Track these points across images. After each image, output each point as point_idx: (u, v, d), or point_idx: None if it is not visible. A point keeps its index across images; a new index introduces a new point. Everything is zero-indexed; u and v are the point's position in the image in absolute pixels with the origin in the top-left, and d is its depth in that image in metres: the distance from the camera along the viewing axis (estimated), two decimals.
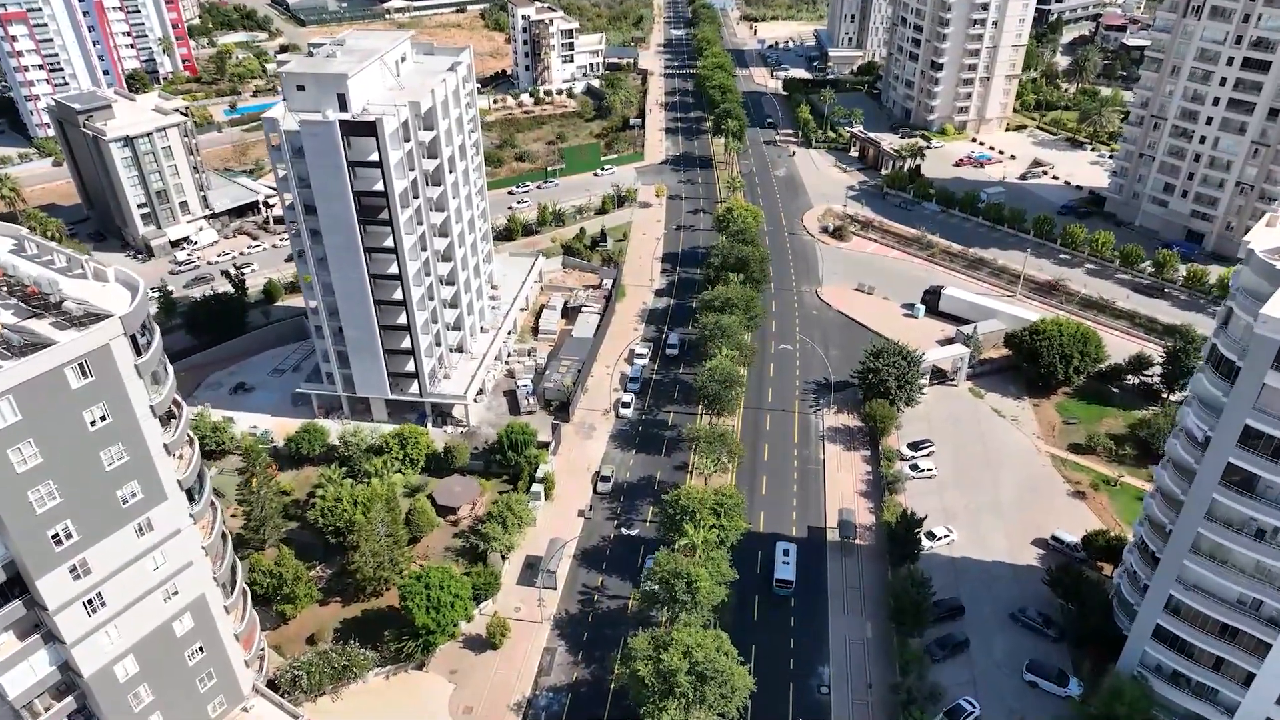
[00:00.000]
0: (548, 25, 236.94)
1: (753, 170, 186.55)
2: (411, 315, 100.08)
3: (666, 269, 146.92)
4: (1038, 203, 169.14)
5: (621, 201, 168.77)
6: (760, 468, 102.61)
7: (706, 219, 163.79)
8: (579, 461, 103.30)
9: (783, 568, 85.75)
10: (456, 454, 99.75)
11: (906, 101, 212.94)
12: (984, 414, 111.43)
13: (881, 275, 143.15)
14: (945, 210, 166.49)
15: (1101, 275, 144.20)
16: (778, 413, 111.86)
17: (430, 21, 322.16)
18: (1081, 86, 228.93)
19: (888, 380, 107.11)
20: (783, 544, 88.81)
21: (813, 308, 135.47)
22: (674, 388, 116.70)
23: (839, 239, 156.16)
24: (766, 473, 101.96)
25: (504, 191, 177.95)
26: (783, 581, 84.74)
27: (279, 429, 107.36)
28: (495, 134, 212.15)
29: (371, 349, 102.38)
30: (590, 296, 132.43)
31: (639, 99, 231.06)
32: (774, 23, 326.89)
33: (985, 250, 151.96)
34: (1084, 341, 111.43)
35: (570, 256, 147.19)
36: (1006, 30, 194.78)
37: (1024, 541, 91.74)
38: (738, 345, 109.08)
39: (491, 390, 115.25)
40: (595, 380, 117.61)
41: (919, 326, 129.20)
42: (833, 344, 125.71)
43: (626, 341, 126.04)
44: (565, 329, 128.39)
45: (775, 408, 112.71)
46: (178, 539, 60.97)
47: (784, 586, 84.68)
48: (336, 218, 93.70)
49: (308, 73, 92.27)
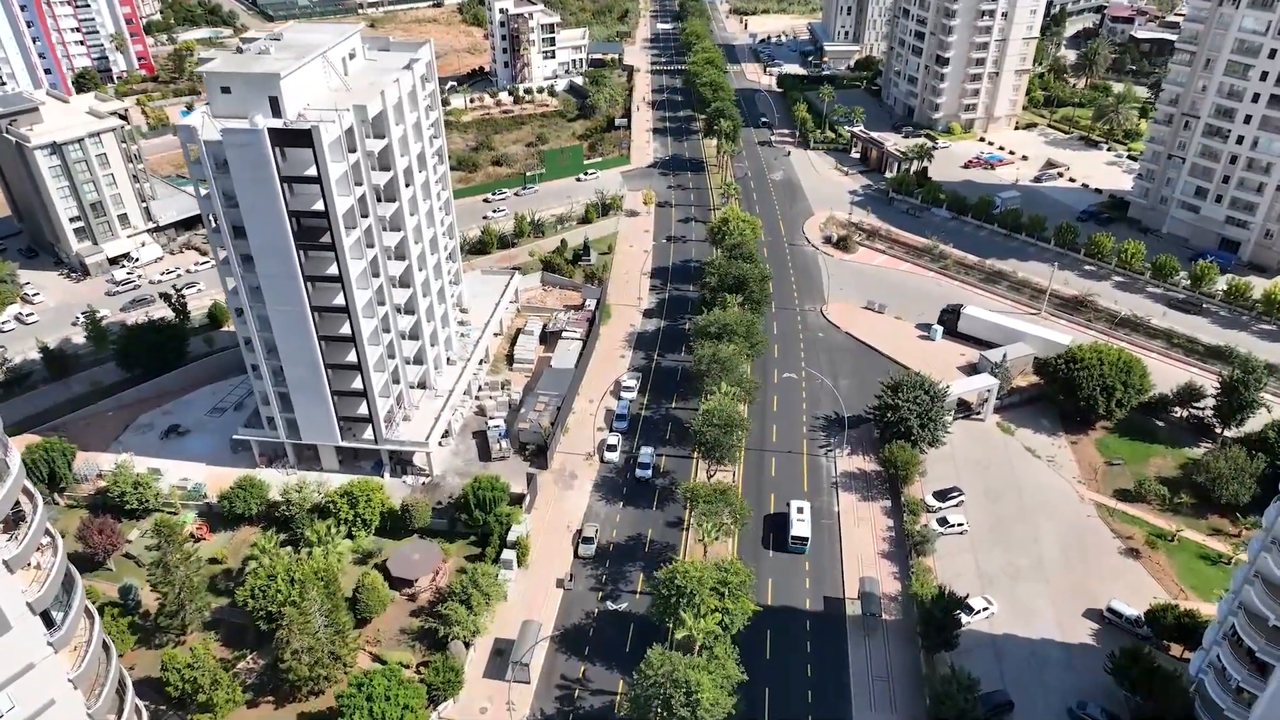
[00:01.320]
0: (527, 20, 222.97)
1: (748, 174, 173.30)
2: (362, 353, 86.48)
3: (656, 286, 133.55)
4: (1054, 207, 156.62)
5: (606, 210, 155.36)
6: (765, 524, 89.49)
7: (699, 228, 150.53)
8: (558, 518, 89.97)
9: (798, 524, 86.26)
10: (415, 513, 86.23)
11: (909, 99, 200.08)
12: (1016, 454, 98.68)
13: (892, 291, 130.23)
14: (957, 217, 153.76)
15: (1131, 289, 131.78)
16: (784, 455, 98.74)
17: (405, 16, 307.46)
18: (1092, 82, 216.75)
19: (909, 418, 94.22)
20: (797, 502, 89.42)
21: (818, 329, 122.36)
22: (666, 426, 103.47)
23: (844, 250, 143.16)
24: (772, 527, 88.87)
25: (479, 199, 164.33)
26: (799, 538, 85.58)
27: (215, 481, 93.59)
28: (471, 135, 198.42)
29: (317, 391, 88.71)
30: (571, 319, 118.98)
31: (624, 97, 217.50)
32: (765, 16, 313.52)
33: (1003, 261, 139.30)
34: (1127, 371, 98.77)
35: (550, 273, 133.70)
36: (1017, 22, 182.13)
37: (1075, 613, 78.96)
38: (738, 380, 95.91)
39: (460, 431, 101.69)
40: (577, 417, 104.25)
41: (936, 350, 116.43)
42: (842, 372, 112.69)
43: (612, 371, 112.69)
44: (544, 356, 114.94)
45: (781, 449, 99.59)
46: (32, 675, 47.34)
47: (800, 543, 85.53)
48: (269, 242, 79.96)
49: (234, 72, 78.47)
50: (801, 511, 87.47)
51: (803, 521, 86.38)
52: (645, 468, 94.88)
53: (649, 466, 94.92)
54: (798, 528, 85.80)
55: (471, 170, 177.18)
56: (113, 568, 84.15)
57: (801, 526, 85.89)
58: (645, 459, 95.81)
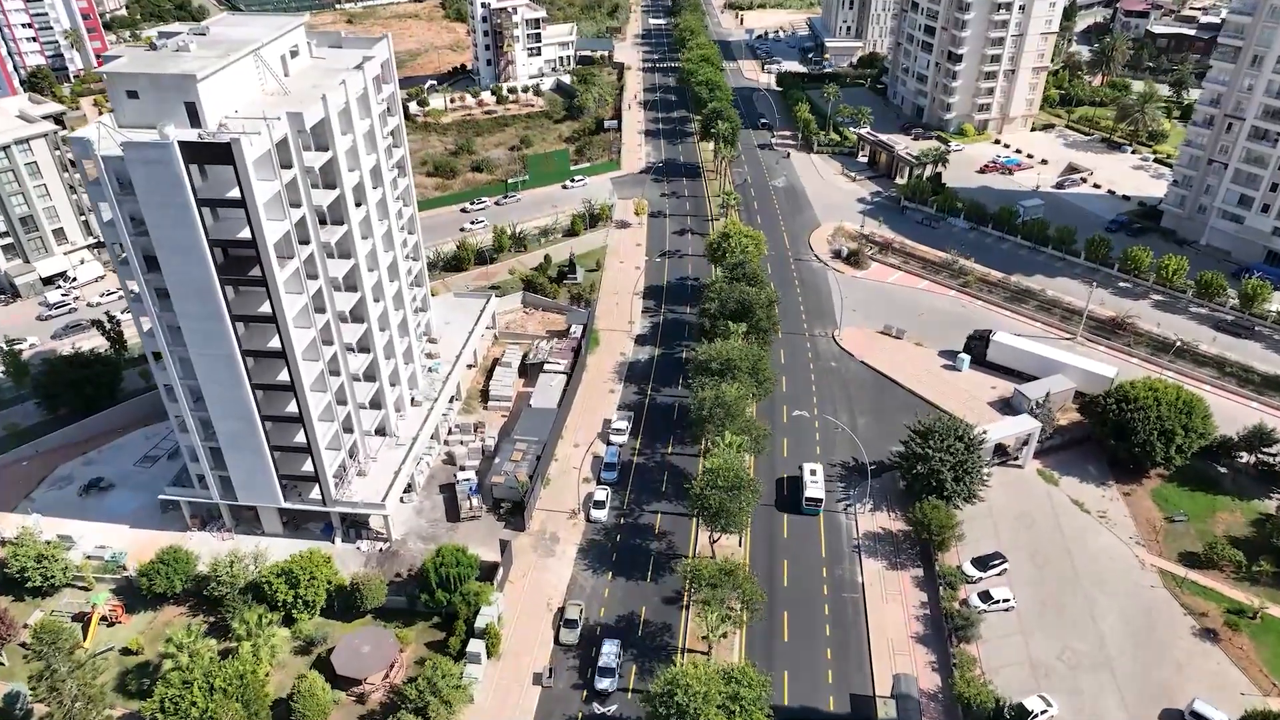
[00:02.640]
0: (511, 14, 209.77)
1: (747, 180, 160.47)
2: (304, 403, 73.40)
3: (649, 308, 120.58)
4: (1079, 216, 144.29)
5: (594, 221, 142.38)
6: (778, 600, 76.73)
7: (696, 241, 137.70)
8: (536, 594, 77.10)
9: (812, 486, 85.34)
10: (368, 593, 73.26)
11: (918, 98, 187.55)
12: (1062, 508, 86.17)
13: (910, 313, 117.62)
14: (976, 227, 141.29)
15: (1172, 309, 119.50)
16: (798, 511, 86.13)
17: (385, 12, 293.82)
18: (1109, 79, 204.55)
19: (941, 471, 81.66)
20: (809, 464, 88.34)
21: (830, 358, 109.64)
22: (661, 476, 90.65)
23: (855, 265, 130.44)
24: (788, 606, 76.11)
25: (457, 208, 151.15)
26: (813, 500, 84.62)
27: (139, 548, 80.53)
28: (451, 138, 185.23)
29: (252, 447, 75.62)
30: (555, 349, 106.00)
31: (615, 97, 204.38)
32: (761, 11, 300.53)
33: (1029, 278, 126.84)
34: (1188, 412, 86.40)
35: (532, 293, 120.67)
36: (1035, 16, 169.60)
37: (1151, 717, 66.56)
38: (745, 427, 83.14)
39: (425, 485, 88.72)
40: (560, 465, 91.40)
41: (963, 382, 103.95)
42: (860, 408, 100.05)
43: (600, 408, 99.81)
44: (524, 391, 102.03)
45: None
46: None
47: (814, 505, 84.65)
48: (188, 277, 66.82)
49: (141, 73, 65.22)
50: (815, 473, 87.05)
51: (816, 483, 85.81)
52: (608, 674, 67.85)
53: (612, 673, 67.94)
54: (811, 489, 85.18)
55: (449, 176, 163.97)
56: (4, 661, 70.97)
57: (815, 488, 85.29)
58: (608, 661, 68.64)
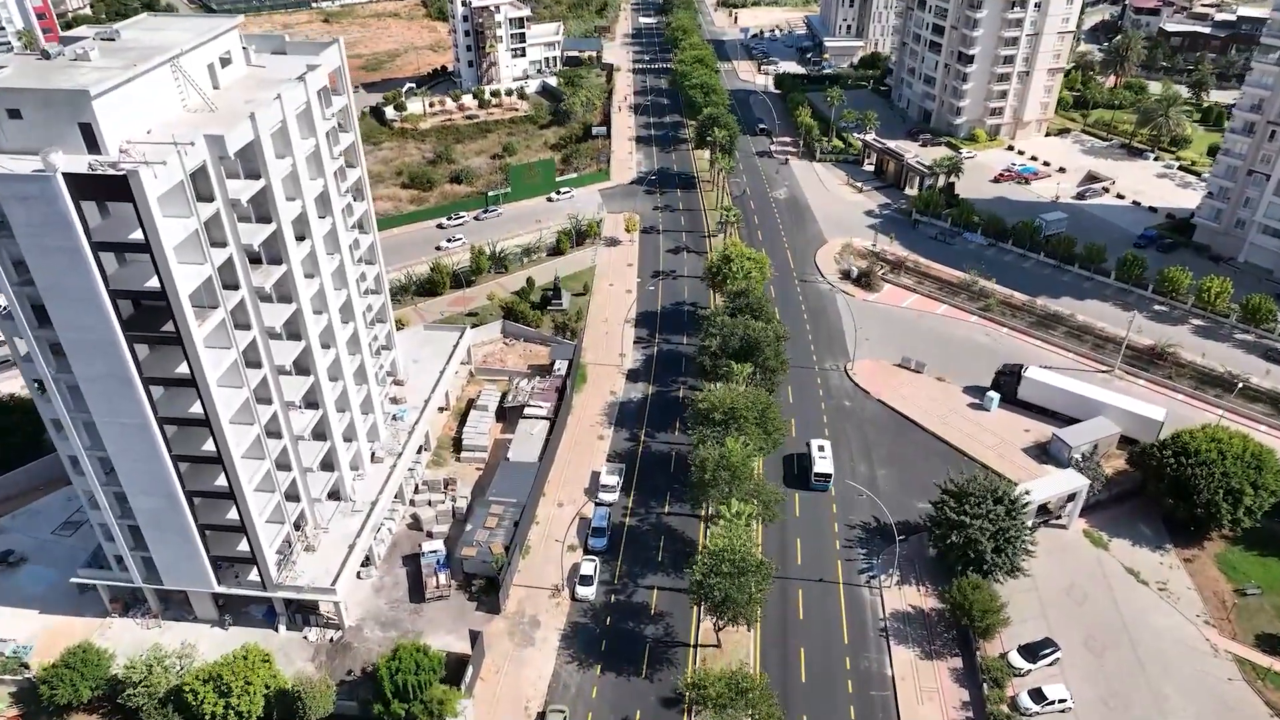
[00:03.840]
0: (494, 13, 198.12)
1: (746, 191, 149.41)
2: (234, 478, 61.99)
3: (642, 338, 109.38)
4: (1104, 230, 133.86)
5: (582, 238, 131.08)
6: (793, 698, 65.73)
7: (692, 261, 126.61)
8: (513, 694, 65.89)
9: (820, 461, 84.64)
10: (311, 703, 61.90)
11: (925, 101, 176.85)
12: (1116, 578, 75.39)
13: (930, 342, 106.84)
14: (994, 243, 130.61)
15: (1213, 335, 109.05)
16: (813, 585, 75.05)
17: (364, 11, 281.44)
18: (1125, 80, 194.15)
19: (979, 540, 70.84)
20: (817, 440, 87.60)
21: (844, 396, 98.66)
22: (657, 541, 79.54)
23: (866, 288, 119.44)
24: (806, 709, 65.09)
25: (433, 224, 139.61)
26: (821, 475, 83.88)
27: (49, 638, 69.02)
28: (430, 145, 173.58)
29: (176, 526, 64.17)
30: (537, 389, 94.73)
31: (603, 101, 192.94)
32: (756, 9, 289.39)
33: (1056, 300, 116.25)
34: (1258, 467, 75.77)
35: (512, 322, 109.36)
36: (1051, 14, 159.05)
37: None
38: (754, 491, 72.06)
39: (386, 554, 77.43)
40: (541, 529, 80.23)
41: (993, 424, 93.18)
42: (880, 456, 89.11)
43: (587, 459, 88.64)
44: (502, 438, 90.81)
45: (808, 577, 75.91)
46: None
47: (822, 480, 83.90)
48: (85, 333, 55.32)
49: (26, 88, 53.65)
50: (823, 449, 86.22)
51: (825, 459, 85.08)
52: None
53: None
54: (820, 465, 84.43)
55: (426, 188, 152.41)
56: None
57: (824, 463, 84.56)
58: None
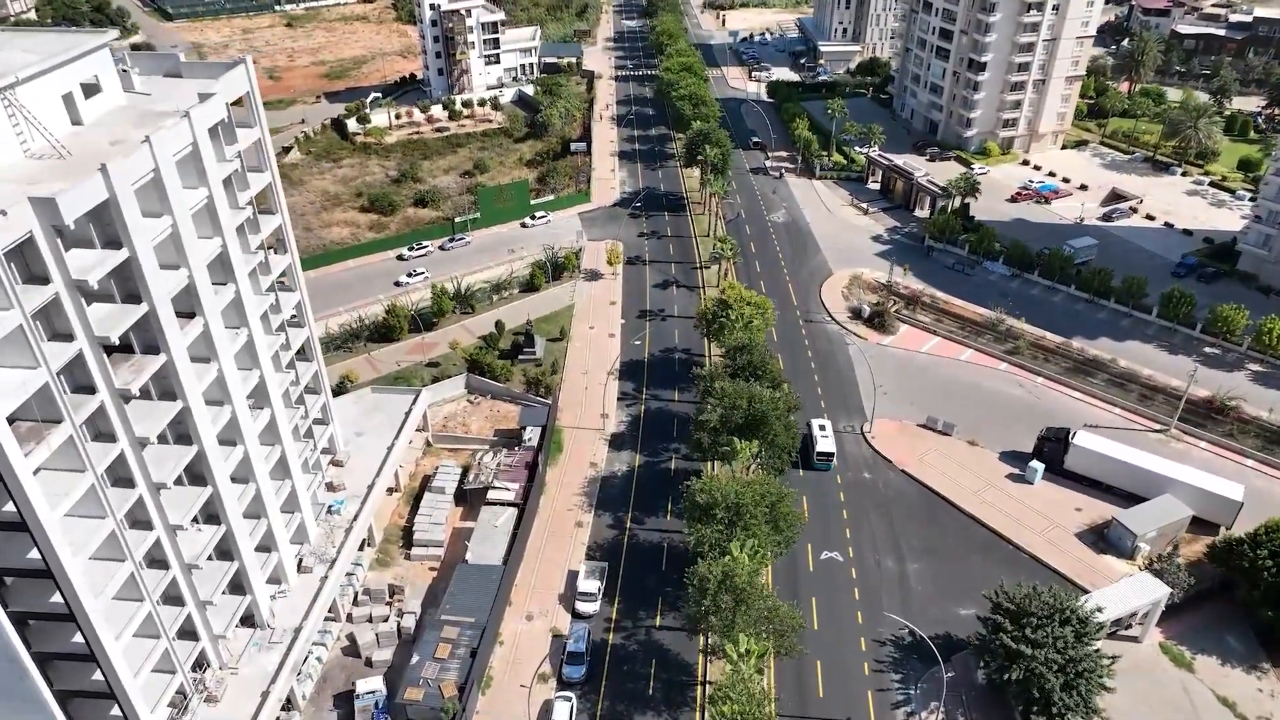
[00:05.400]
0: (465, 17, 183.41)
1: (741, 214, 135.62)
2: (92, 637, 47.43)
3: (628, 394, 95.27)
4: (1136, 257, 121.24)
5: (559, 271, 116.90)
6: None
7: (683, 297, 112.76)
8: None
9: (822, 441, 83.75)
10: None
11: (931, 111, 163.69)
12: (1207, 710, 61.92)
13: (956, 396, 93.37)
14: (1018, 274, 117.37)
15: (1275, 383, 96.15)
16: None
17: (330, 14, 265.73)
18: (1141, 86, 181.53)
19: (1045, 675, 57.17)
20: (818, 420, 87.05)
21: (862, 466, 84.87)
22: (648, 664, 65.45)
23: (880, 329, 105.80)
24: None
25: (393, 255, 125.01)
26: (824, 455, 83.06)
27: None
28: (394, 162, 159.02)
29: (22, 693, 49.49)
30: (504, 464, 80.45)
31: (584, 112, 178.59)
32: (745, 11, 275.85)
33: (1092, 341, 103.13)
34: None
35: (478, 376, 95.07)
36: (1070, 17, 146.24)
37: None
38: (766, 615, 58.05)
39: (314, 692, 62.99)
40: (506, 650, 65.97)
41: (1040, 501, 79.70)
42: (911, 547, 75.31)
43: (562, 554, 74.43)
44: (461, 528, 76.63)
45: (831, 711, 61.97)
46: None
47: (825, 460, 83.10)
48: None
49: None
50: (824, 429, 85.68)
51: (827, 437, 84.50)
52: None
53: None
54: (822, 444, 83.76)
55: (387, 212, 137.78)
56: None
57: (826, 442, 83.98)
58: None
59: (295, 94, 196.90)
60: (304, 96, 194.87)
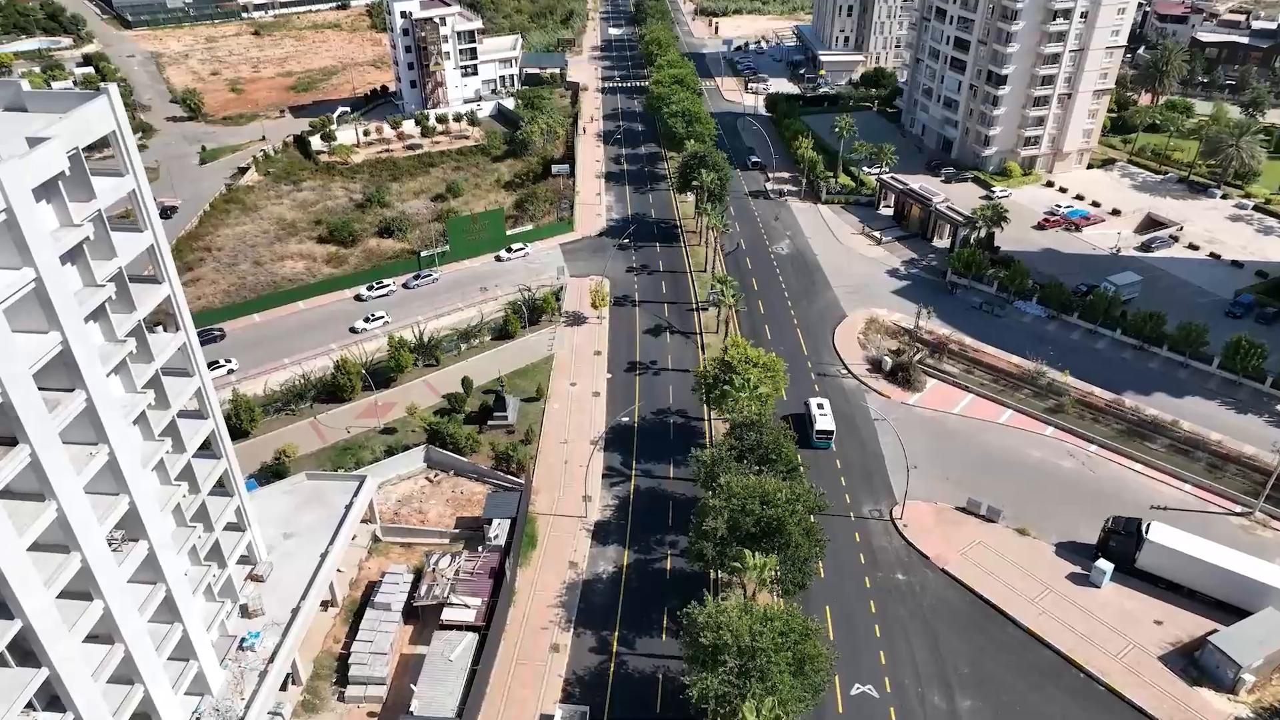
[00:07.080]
0: (439, 25, 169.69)
1: (740, 245, 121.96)
2: None
3: (614, 466, 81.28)
4: (1182, 294, 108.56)
5: (537, 314, 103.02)
6: None
7: (677, 345, 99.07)
8: None
9: (821, 419, 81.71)
10: None
11: (945, 128, 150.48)
12: None
13: (999, 469, 79.81)
14: (1055, 315, 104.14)
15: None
16: None
17: (301, 21, 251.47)
18: (1167, 99, 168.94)
19: None
20: (816, 399, 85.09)
21: (895, 564, 71.07)
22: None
23: (905, 385, 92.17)
24: None
25: (349, 295, 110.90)
26: (823, 433, 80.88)
27: None
28: (359, 185, 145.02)
29: None
30: (463, 572, 66.32)
31: (567, 128, 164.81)
32: (738, 17, 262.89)
33: (1147, 397, 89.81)
34: None
35: (438, 448, 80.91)
36: (1100, 25, 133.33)
37: None
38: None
39: None
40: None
41: (1110, 611, 66.10)
42: (961, 678, 61.46)
43: (532, 693, 60.32)
44: (410, 654, 62.55)
45: None
46: None
47: (824, 438, 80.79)
48: None
49: None
50: (823, 406, 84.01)
51: (825, 415, 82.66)
52: None
53: None
54: (821, 422, 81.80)
55: (347, 244, 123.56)
56: None
57: (825, 420, 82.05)
58: None
59: (258, 108, 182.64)
60: (267, 111, 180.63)
